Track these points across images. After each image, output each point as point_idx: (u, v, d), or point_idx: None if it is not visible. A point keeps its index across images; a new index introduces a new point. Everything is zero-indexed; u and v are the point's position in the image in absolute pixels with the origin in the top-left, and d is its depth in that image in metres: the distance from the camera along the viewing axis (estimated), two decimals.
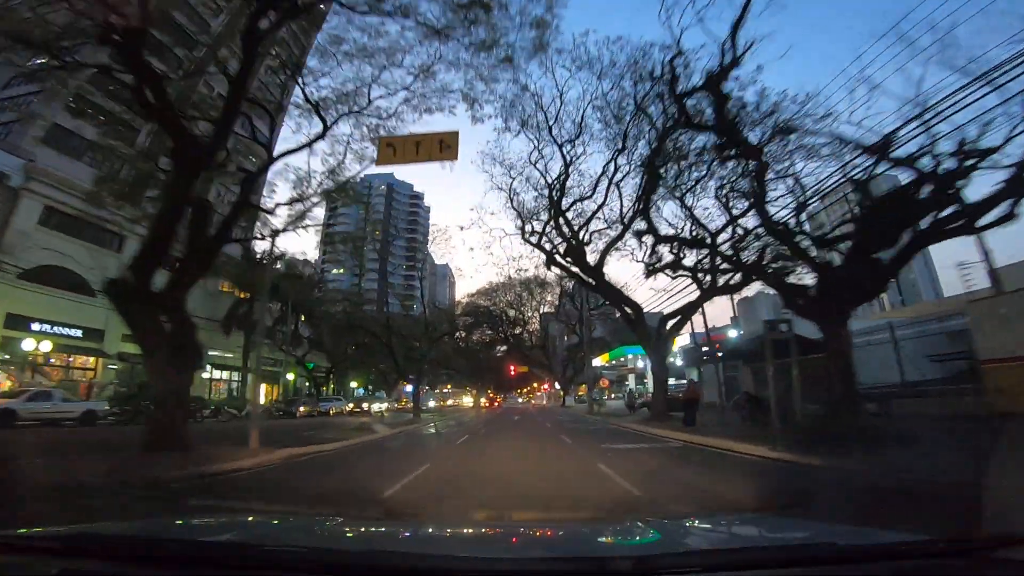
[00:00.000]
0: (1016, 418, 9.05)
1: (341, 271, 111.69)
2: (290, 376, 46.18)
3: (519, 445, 13.27)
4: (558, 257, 22.80)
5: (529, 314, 49.72)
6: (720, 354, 20.82)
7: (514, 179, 23.33)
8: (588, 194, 21.29)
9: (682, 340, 44.16)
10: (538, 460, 10.07)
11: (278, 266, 44.18)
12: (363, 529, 2.66)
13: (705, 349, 33.58)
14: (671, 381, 49.55)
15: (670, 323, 21.59)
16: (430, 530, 2.82)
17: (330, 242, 50.93)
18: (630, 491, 6.34)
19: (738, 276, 19.33)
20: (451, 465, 9.42)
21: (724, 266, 17.30)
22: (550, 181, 22.05)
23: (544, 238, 23.53)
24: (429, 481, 7.54)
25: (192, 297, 12.68)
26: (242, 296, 42.14)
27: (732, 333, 35.14)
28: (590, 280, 21.86)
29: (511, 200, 23.82)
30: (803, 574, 1.36)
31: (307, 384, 57.02)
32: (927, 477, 6.34)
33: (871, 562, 1.48)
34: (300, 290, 45.16)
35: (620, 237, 20.41)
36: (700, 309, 21.34)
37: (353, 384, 62.28)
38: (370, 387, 64.10)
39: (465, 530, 2.90)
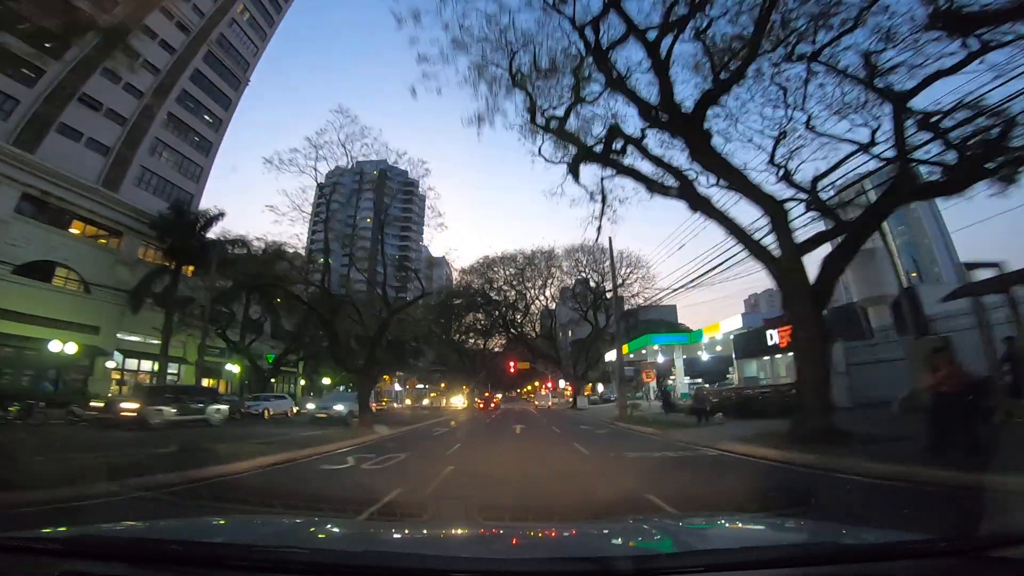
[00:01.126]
0: None
1: (328, 260, 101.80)
2: (234, 368, 35.85)
3: None
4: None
5: (533, 292, 39.38)
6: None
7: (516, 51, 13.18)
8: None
9: (729, 324, 33.91)
10: None
11: (215, 229, 34.01)
12: (363, 530, 2.72)
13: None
14: (678, 380, 39.52)
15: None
16: (431, 531, 2.74)
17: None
18: None
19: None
20: None
21: None
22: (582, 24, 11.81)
23: (571, 120, 13.26)
24: None
25: (88, 258, 4.20)
26: (168, 264, 31.73)
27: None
28: (675, 175, 11.37)
29: (514, 79, 13.63)
30: (803, 574, 1.32)
31: (271, 380, 46.95)
32: None
33: (871, 562, 1.43)
34: (250, 263, 34.56)
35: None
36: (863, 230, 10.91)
37: (327, 380, 51.93)
38: (350, 384, 54.23)
39: (466, 531, 2.70)
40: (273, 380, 48.86)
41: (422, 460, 9.56)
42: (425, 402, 43.56)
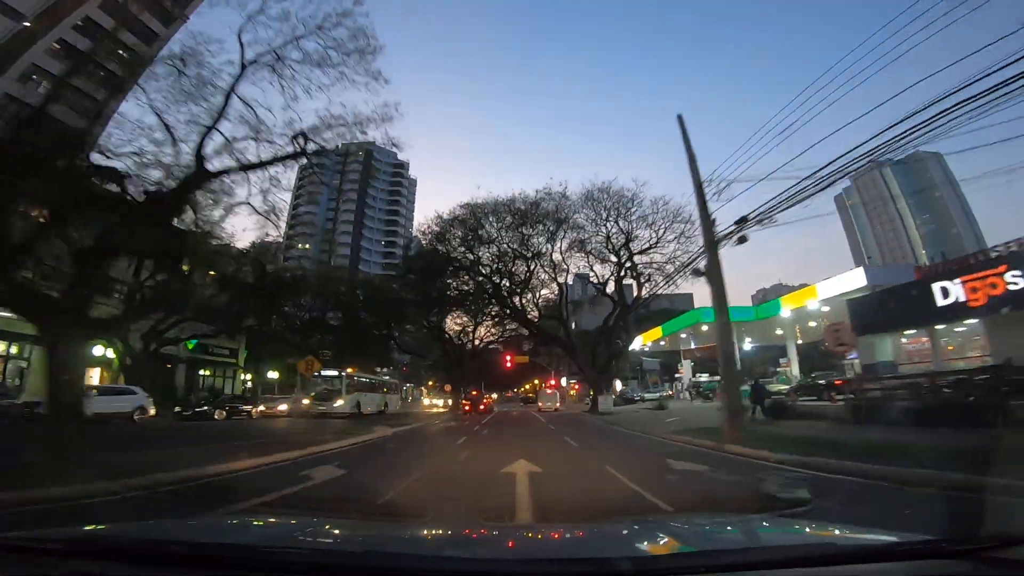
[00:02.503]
0: None
1: (307, 246, 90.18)
2: (110, 354, 24.34)
3: None
4: None
5: (537, 243, 27.79)
6: None
7: None
8: None
9: (838, 285, 22.61)
10: None
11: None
12: (364, 530, 2.52)
13: None
14: (757, 377, 26.91)
15: None
16: (430, 532, 2.64)
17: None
18: None
19: None
20: None
21: None
22: None
23: None
24: None
25: None
26: None
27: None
28: None
29: None
30: (804, 574, 1.26)
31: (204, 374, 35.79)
32: None
33: (871, 562, 1.36)
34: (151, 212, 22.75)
35: None
36: None
37: (273, 374, 40.40)
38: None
39: (466, 532, 2.57)
40: (206, 373, 37.67)
41: None
42: (338, 404, 23.18)
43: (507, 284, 29.05)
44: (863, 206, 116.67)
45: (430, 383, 73.20)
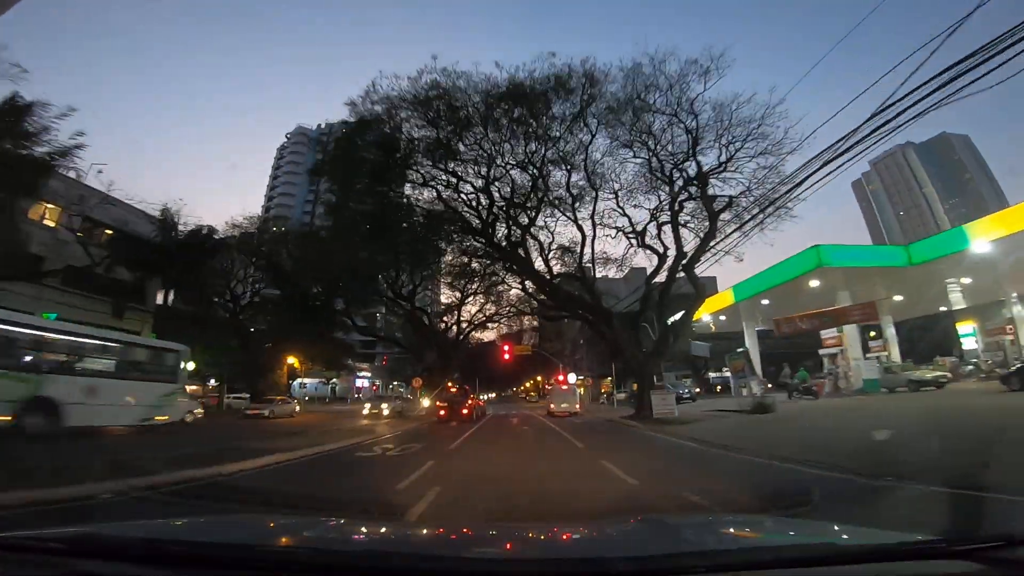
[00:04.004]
0: None
1: (283, 229, 79.93)
2: None
3: None
4: None
5: (542, 142, 17.43)
6: None
7: None
8: None
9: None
10: None
11: None
12: (364, 530, 2.42)
13: None
14: (851, 354, 16.52)
15: None
16: (430, 532, 2.54)
17: None
18: None
19: None
20: None
21: None
22: None
23: None
24: None
25: None
26: None
27: None
28: None
29: None
30: (804, 574, 1.23)
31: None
32: None
33: (871, 562, 1.32)
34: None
35: None
36: None
37: (190, 364, 30.00)
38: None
39: (467, 532, 2.48)
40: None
41: None
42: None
43: (500, 211, 18.68)
44: (885, 191, 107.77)
45: (417, 382, 62.81)
